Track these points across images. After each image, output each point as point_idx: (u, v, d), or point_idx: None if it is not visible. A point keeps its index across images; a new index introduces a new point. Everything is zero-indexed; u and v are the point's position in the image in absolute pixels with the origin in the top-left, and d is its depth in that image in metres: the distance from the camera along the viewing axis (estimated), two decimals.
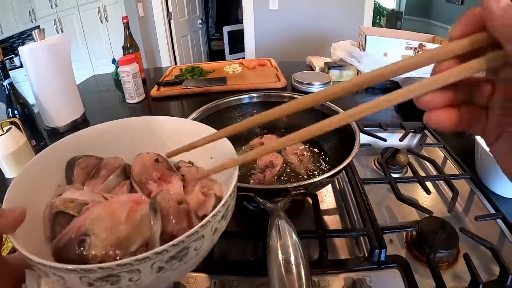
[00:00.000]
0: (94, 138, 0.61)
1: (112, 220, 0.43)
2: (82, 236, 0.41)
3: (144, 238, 0.43)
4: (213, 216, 0.40)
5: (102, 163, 0.59)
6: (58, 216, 0.47)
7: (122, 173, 0.58)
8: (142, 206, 0.46)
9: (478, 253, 0.75)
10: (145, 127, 0.65)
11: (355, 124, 0.85)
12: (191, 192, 0.55)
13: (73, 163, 0.56)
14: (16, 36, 5.37)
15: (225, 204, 0.42)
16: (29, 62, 1.30)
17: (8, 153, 1.09)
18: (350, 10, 3.98)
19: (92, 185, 0.55)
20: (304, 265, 0.43)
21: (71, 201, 0.48)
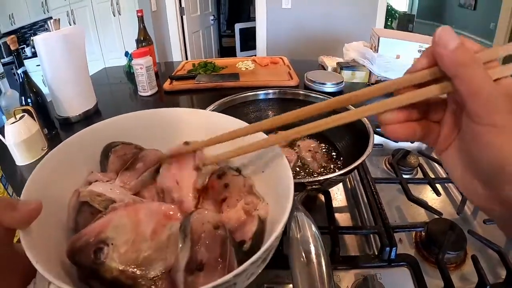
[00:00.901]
0: (135, 125, 0.57)
1: (136, 233, 0.40)
2: (100, 244, 0.38)
3: (167, 264, 0.39)
4: (252, 264, 0.34)
5: (140, 154, 0.54)
6: (83, 206, 0.45)
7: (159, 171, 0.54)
8: (172, 222, 0.42)
9: (485, 255, 0.75)
10: (179, 118, 0.60)
11: (369, 124, 0.86)
12: (233, 207, 0.49)
13: (110, 150, 0.52)
14: (28, 27, 5.38)
15: (269, 248, 0.37)
16: (43, 51, 1.31)
17: (20, 141, 1.11)
18: (363, 11, 3.97)
19: (125, 178, 0.50)
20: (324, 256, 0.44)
21: (99, 195, 0.45)
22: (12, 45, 1.18)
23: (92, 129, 0.53)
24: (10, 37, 1.17)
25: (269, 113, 1.11)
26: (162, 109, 0.60)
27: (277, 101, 1.10)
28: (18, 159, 1.14)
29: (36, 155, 1.16)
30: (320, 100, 1.05)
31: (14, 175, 1.10)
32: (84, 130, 0.52)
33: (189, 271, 0.37)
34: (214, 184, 0.53)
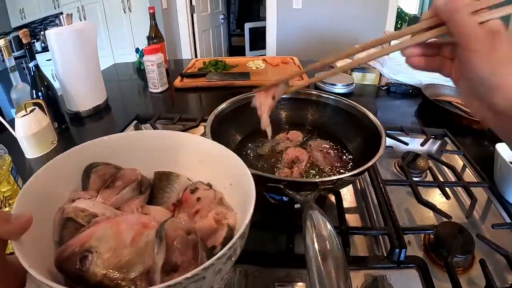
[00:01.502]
0: (115, 146, 0.61)
1: (117, 241, 0.43)
2: (85, 252, 0.41)
3: (145, 266, 0.42)
4: (218, 259, 0.38)
5: (119, 173, 0.59)
6: (68, 222, 0.48)
7: (137, 187, 0.59)
8: (149, 230, 0.45)
9: (493, 260, 0.75)
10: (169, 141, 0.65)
11: (381, 126, 0.87)
12: (204, 218, 0.53)
13: (91, 170, 0.57)
14: (38, 22, 5.42)
15: (233, 246, 0.41)
16: (55, 45, 1.32)
17: (31, 134, 1.11)
18: (374, 13, 3.96)
19: (106, 195, 0.55)
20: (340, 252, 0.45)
21: (82, 210, 0.49)
22: (24, 39, 1.19)
23: (75, 150, 0.56)
24: (22, 31, 1.18)
25: (281, 112, 1.11)
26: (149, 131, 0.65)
27: (289, 101, 1.11)
28: (28, 152, 1.15)
29: (45, 149, 1.17)
30: (332, 100, 1.06)
31: (23, 168, 1.11)
32: (68, 151, 0.55)
33: (165, 272, 0.41)
34: (187, 198, 0.59)
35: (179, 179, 0.62)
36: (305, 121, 1.10)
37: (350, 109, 1.00)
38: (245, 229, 0.43)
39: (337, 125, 1.04)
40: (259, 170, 0.76)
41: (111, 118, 1.51)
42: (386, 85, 1.76)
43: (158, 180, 0.62)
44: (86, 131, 1.41)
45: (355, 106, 0.98)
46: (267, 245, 0.79)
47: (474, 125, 1.29)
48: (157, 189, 0.61)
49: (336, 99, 1.04)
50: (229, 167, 0.58)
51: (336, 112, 1.02)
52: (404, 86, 1.70)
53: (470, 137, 1.27)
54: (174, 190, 0.60)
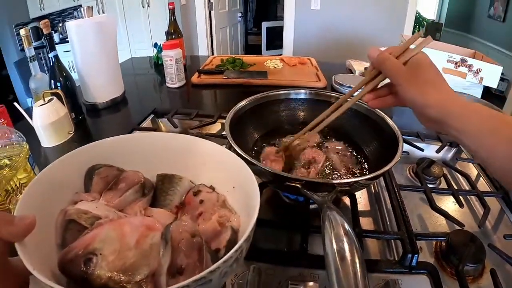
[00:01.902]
0: (117, 148, 0.62)
1: (121, 244, 0.43)
2: (89, 255, 0.41)
3: (150, 269, 0.42)
4: (224, 262, 0.38)
5: (121, 175, 0.60)
6: (70, 224, 0.48)
7: (140, 190, 0.59)
8: (153, 232, 0.46)
9: (504, 270, 0.75)
10: (172, 144, 0.66)
11: (398, 131, 0.87)
12: (208, 220, 0.54)
13: (93, 172, 0.57)
14: (57, 14, 5.45)
15: (239, 249, 0.41)
16: (75, 37, 1.34)
17: (48, 123, 1.13)
18: (392, 17, 3.94)
19: (109, 197, 0.56)
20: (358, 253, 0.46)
21: (85, 212, 0.49)
22: (45, 29, 1.20)
23: (78, 151, 0.57)
24: (44, 21, 1.19)
25: (300, 113, 1.12)
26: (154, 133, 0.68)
27: (308, 102, 1.11)
28: (45, 141, 1.16)
29: (62, 138, 1.19)
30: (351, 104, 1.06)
31: (39, 156, 1.12)
32: (69, 153, 0.56)
33: (171, 274, 0.42)
34: (190, 201, 0.60)
35: (182, 181, 0.63)
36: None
37: (368, 112, 1.00)
38: (251, 232, 0.44)
39: (354, 128, 1.04)
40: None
41: (127, 111, 1.53)
42: None
43: (160, 182, 0.63)
44: (103, 122, 1.43)
45: (374, 110, 0.98)
46: (281, 244, 0.80)
47: None
48: (160, 191, 0.62)
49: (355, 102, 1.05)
50: (232, 170, 0.59)
51: (354, 115, 1.02)
52: None
53: None
54: (177, 193, 0.61)
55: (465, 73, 1.65)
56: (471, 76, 1.64)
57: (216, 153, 0.63)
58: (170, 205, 0.60)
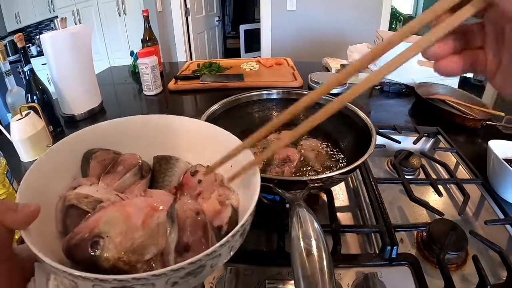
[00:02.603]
0: (111, 132, 0.61)
1: (127, 225, 0.43)
2: (95, 238, 0.41)
3: (159, 247, 0.42)
4: (232, 235, 0.40)
5: (119, 158, 0.58)
6: (70, 209, 0.47)
7: (139, 172, 0.59)
8: (158, 213, 0.45)
9: (486, 256, 0.76)
10: (163, 125, 0.65)
11: (371, 125, 0.87)
12: (207, 200, 0.54)
13: (90, 156, 0.56)
14: (34, 26, 5.42)
15: (245, 223, 0.43)
16: (50, 49, 1.32)
17: (26, 137, 1.12)
18: (367, 13, 3.98)
19: (108, 180, 0.55)
20: (325, 250, 0.45)
21: (86, 196, 0.48)
22: (19, 43, 1.19)
23: (74, 136, 0.56)
24: (18, 35, 1.18)
25: (273, 113, 1.11)
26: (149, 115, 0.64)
27: (281, 101, 1.11)
28: (23, 156, 1.15)
29: (41, 152, 1.17)
30: (323, 100, 1.05)
31: (18, 171, 1.10)
32: (66, 137, 0.55)
33: (178, 252, 0.41)
34: (188, 181, 0.59)
35: (178, 162, 0.62)
36: (296, 121, 1.09)
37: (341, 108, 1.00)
38: (254, 207, 0.45)
39: (329, 124, 1.03)
40: None
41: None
42: (380, 85, 1.76)
43: (158, 164, 0.62)
44: None
45: (346, 104, 0.98)
46: (259, 244, 0.79)
47: (467, 122, 1.30)
48: (158, 173, 0.61)
49: (327, 99, 1.04)
50: (228, 149, 0.56)
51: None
52: (397, 85, 1.70)
53: (463, 135, 1.28)
54: (175, 174, 0.60)
55: None
56: None
57: (211, 133, 0.63)
58: (168, 186, 0.59)
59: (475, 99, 1.49)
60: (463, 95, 1.53)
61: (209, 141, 0.62)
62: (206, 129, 0.64)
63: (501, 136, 1.02)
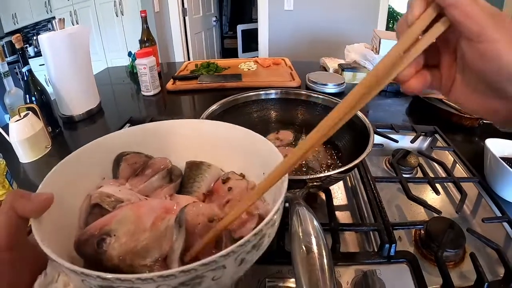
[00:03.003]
0: (146, 137, 0.61)
1: (136, 225, 0.42)
2: (103, 235, 0.41)
3: (161, 252, 0.41)
4: (239, 246, 0.34)
5: (149, 162, 0.58)
6: (94, 208, 0.47)
7: (167, 175, 0.58)
8: (170, 215, 0.44)
9: (484, 254, 0.76)
10: (193, 130, 0.63)
11: (369, 124, 0.87)
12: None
13: (121, 158, 0.56)
14: (31, 26, 5.41)
15: (259, 233, 0.37)
16: (48, 50, 1.32)
17: (24, 138, 1.12)
18: (365, 13, 3.98)
19: (135, 182, 0.55)
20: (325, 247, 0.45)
21: (108, 196, 0.48)
22: (17, 44, 1.19)
23: (104, 139, 0.56)
24: (15, 36, 1.18)
25: (272, 112, 1.12)
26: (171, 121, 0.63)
27: (279, 101, 1.12)
28: (22, 157, 1.15)
29: (39, 153, 1.17)
30: (321, 100, 1.06)
31: (17, 172, 1.11)
32: (102, 138, 0.55)
33: (184, 262, 0.39)
34: (219, 188, 0.57)
35: (210, 168, 0.60)
36: (295, 121, 1.11)
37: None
38: (273, 216, 0.40)
39: None
40: None
41: (104, 122, 1.51)
42: None
43: (189, 169, 0.60)
44: (79, 135, 1.41)
45: None
46: None
47: (464, 121, 1.31)
48: (188, 178, 0.59)
49: (325, 98, 1.05)
50: (262, 155, 0.55)
51: (326, 111, 1.03)
52: (395, 85, 1.70)
53: (460, 134, 1.28)
54: (204, 180, 0.58)
55: None
56: None
57: (246, 138, 0.60)
58: (197, 192, 0.57)
59: None
60: None
61: (248, 148, 0.59)
62: (246, 135, 0.60)
63: (498, 135, 1.03)
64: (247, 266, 0.39)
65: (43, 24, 5.32)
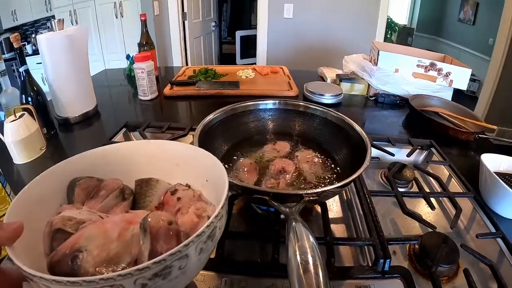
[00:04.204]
0: (96, 160, 0.64)
1: (104, 238, 0.45)
2: (75, 252, 0.43)
3: (132, 256, 0.45)
4: (197, 236, 0.41)
5: (102, 184, 0.61)
6: (57, 233, 0.49)
7: (120, 194, 0.61)
8: (133, 225, 0.48)
9: (477, 269, 0.76)
10: (140, 150, 0.68)
11: (367, 138, 0.88)
12: (186, 214, 0.56)
13: (75, 184, 0.59)
14: (30, 24, 5.42)
15: (211, 225, 0.44)
16: (46, 51, 1.31)
17: (19, 139, 1.11)
18: (364, 23, 3.99)
19: (91, 204, 0.57)
20: (322, 265, 0.45)
21: (69, 219, 0.50)
22: (15, 43, 1.18)
23: (58, 167, 0.58)
24: (14, 35, 1.17)
25: (269, 123, 1.12)
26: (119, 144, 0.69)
27: (277, 112, 1.12)
28: (16, 158, 1.14)
29: (34, 154, 1.17)
30: (319, 111, 1.06)
31: (11, 173, 1.10)
32: (54, 166, 0.58)
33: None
34: (168, 200, 0.62)
35: (159, 183, 0.65)
36: (292, 132, 1.11)
37: (337, 120, 1.01)
38: (220, 210, 0.46)
39: (324, 136, 1.05)
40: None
41: (100, 125, 1.50)
42: (374, 96, 1.78)
43: (139, 187, 0.65)
44: (75, 137, 1.40)
45: (342, 117, 0.99)
46: (254, 255, 0.79)
47: (460, 135, 1.31)
48: (139, 195, 0.64)
49: (323, 111, 1.05)
50: (203, 165, 0.62)
51: (324, 123, 1.03)
52: (392, 97, 1.72)
53: (456, 148, 1.29)
54: (155, 194, 0.63)
55: (435, 77, 1.68)
56: (441, 80, 1.67)
57: (187, 152, 0.66)
58: (149, 205, 0.62)
59: (468, 112, 1.50)
60: (456, 108, 1.55)
61: (189, 161, 0.65)
62: (186, 150, 0.67)
63: (493, 149, 1.03)
64: (205, 255, 0.45)
65: (42, 22, 5.34)
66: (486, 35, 5.39)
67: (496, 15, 3.76)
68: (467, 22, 6.22)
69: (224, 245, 0.74)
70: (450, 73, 1.65)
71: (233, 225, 0.88)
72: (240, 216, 0.93)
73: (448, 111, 1.55)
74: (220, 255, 0.73)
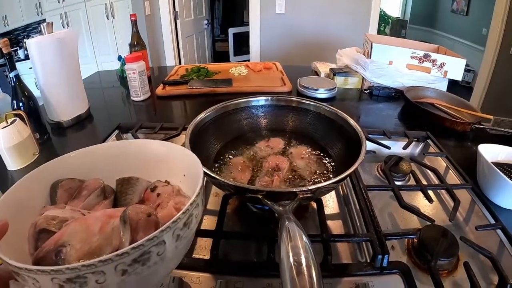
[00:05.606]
0: (79, 161, 0.65)
1: (87, 233, 0.46)
2: (59, 247, 0.44)
3: (113, 247, 0.46)
4: (173, 222, 0.42)
5: (83, 184, 0.63)
6: (41, 233, 0.49)
7: (101, 193, 0.63)
8: (114, 219, 0.49)
9: (478, 262, 0.76)
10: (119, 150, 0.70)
11: (361, 132, 0.86)
12: (165, 208, 0.57)
13: (57, 185, 0.60)
14: (22, 29, 5.41)
15: (186, 212, 0.45)
16: (36, 55, 1.30)
17: (12, 145, 1.10)
18: (356, 17, 3.99)
19: (73, 204, 0.58)
20: (315, 266, 0.44)
21: (53, 218, 0.51)
22: (5, 49, 1.17)
23: (42, 168, 0.59)
24: (3, 40, 1.16)
25: (262, 120, 1.11)
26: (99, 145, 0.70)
27: (269, 108, 1.10)
28: (10, 164, 1.13)
29: (27, 160, 1.16)
30: (312, 107, 1.05)
31: (5, 180, 1.09)
32: (35, 170, 0.58)
33: None
34: (149, 197, 0.64)
35: (139, 181, 0.66)
36: (286, 128, 1.09)
37: (330, 115, 1.00)
38: (195, 198, 0.48)
39: (319, 131, 1.04)
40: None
41: (93, 128, 1.49)
42: (369, 89, 1.77)
43: (120, 185, 0.66)
44: (68, 141, 1.39)
45: (335, 112, 0.98)
46: (250, 255, 0.78)
47: (456, 126, 1.30)
48: (120, 193, 0.65)
49: (316, 105, 1.04)
50: (180, 160, 0.64)
51: (317, 118, 1.02)
52: (386, 89, 1.71)
53: (453, 139, 1.28)
54: (135, 191, 0.65)
55: (430, 68, 1.67)
56: (435, 71, 1.66)
57: (163, 149, 0.68)
58: (130, 203, 0.63)
59: (464, 102, 1.49)
60: (452, 99, 1.54)
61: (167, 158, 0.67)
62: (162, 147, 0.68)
63: (490, 140, 1.02)
64: (183, 242, 0.46)
65: (33, 26, 5.31)
66: (479, 26, 5.41)
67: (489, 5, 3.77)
68: (460, 13, 6.23)
69: (219, 246, 0.73)
70: (444, 63, 1.64)
71: (228, 224, 0.86)
72: (235, 215, 0.91)
73: (443, 102, 1.54)
74: (214, 256, 0.72)
